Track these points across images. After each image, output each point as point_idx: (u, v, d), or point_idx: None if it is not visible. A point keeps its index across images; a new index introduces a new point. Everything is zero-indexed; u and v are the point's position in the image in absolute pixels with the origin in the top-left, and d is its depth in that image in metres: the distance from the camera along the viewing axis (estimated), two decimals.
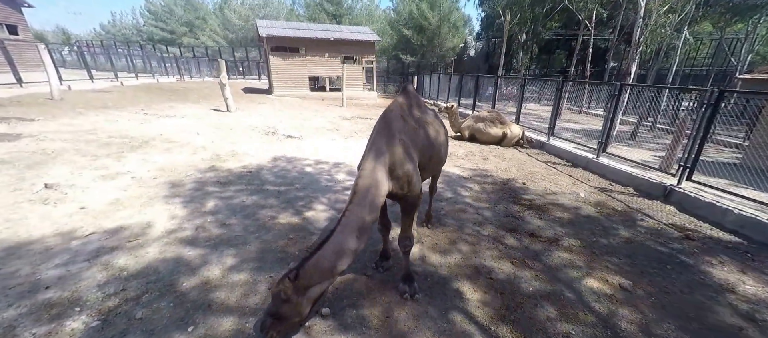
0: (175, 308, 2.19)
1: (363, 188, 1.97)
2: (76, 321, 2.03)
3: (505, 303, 2.38)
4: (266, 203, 3.88)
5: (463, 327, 2.16)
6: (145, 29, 40.83)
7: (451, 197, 4.41)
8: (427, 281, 2.60)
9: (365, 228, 1.93)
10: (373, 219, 1.99)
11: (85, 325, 2.01)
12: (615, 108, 5.94)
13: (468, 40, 32.36)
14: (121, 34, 43.30)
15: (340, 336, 2.04)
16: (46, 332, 1.94)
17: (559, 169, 6.09)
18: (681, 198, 4.44)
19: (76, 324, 2.01)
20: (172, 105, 11.56)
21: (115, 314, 2.10)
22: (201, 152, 5.83)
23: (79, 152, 5.26)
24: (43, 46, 9.70)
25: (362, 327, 2.11)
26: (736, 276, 2.86)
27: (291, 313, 1.79)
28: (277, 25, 20.24)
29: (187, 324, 2.06)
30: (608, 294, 2.55)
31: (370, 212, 1.96)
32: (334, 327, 2.10)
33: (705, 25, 19.67)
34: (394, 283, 2.52)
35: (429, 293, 2.46)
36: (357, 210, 1.92)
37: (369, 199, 1.95)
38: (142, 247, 2.86)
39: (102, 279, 2.43)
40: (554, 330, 2.16)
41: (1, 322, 1.99)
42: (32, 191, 3.74)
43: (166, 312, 2.16)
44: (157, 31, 39.09)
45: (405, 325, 2.15)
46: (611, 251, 3.19)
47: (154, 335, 1.97)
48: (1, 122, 6.73)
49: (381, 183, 2.02)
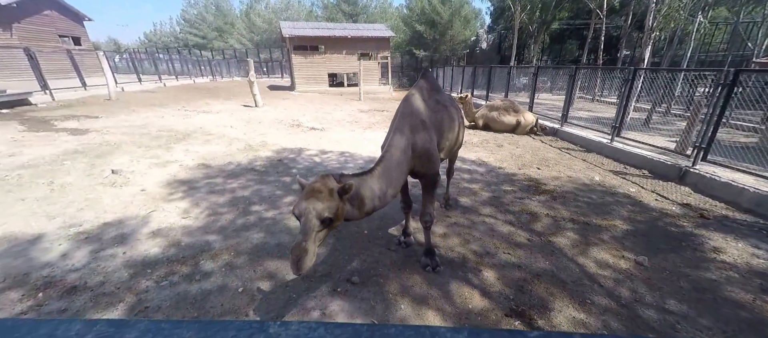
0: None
1: (390, 157, 2.02)
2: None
3: (522, 277, 2.40)
4: (292, 188, 4.03)
5: (481, 298, 2.20)
6: (181, 36, 42.09)
7: (468, 181, 4.40)
8: (445, 257, 2.66)
9: (384, 194, 1.93)
10: (396, 189, 2.03)
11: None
12: (628, 93, 5.67)
13: (479, 33, 31.33)
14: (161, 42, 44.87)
15: (368, 302, 2.14)
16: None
17: (573, 154, 5.92)
18: (696, 179, 4.23)
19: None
20: (207, 102, 11.99)
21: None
22: (235, 143, 6.07)
23: (135, 144, 5.61)
24: (102, 54, 10.28)
25: (389, 294, 2.21)
26: (751, 251, 2.74)
27: (326, 209, 1.60)
28: (299, 26, 20.36)
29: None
30: (623, 269, 2.51)
31: (399, 175, 2.02)
32: (363, 294, 2.20)
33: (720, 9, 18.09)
34: (417, 258, 2.59)
35: (449, 267, 2.52)
36: (384, 171, 1.96)
37: (395, 165, 2.01)
38: (193, 219, 3.07)
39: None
40: (570, 303, 2.17)
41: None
42: (102, 176, 4.06)
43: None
44: (192, 37, 40.22)
45: (427, 295, 2.22)
46: (626, 230, 3.12)
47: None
48: (72, 119, 7.27)
49: (406, 157, 2.08)
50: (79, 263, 2.44)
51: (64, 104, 9.03)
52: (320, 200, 1.61)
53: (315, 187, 1.66)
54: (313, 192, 1.63)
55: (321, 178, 1.71)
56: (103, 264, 2.43)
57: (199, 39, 39.90)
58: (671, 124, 7.82)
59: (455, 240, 2.88)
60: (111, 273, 2.33)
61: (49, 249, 2.59)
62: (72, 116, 7.66)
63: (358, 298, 2.15)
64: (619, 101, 5.87)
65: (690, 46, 14.22)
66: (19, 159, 4.55)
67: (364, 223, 3.11)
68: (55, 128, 6.51)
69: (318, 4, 34.76)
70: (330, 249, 2.69)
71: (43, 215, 3.10)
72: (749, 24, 18.47)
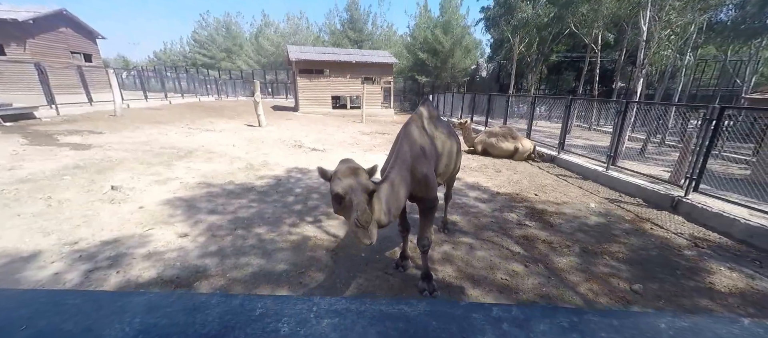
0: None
1: (393, 179, 2.06)
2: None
3: (520, 303, 2.40)
4: (293, 209, 4.07)
5: None
6: (190, 55, 43.57)
7: (466, 205, 4.45)
8: (443, 282, 2.66)
9: (389, 210, 1.95)
10: (397, 211, 2.06)
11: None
12: (622, 124, 5.87)
13: (479, 62, 32.50)
14: (170, 60, 46.40)
15: None
16: None
17: (570, 181, 6.01)
18: (689, 209, 4.29)
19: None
20: (211, 120, 12.24)
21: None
22: (237, 162, 6.16)
23: (137, 160, 5.70)
24: (111, 71, 10.64)
25: None
26: (745, 282, 2.76)
27: (369, 182, 1.71)
28: (306, 50, 21.18)
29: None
30: (619, 296, 2.52)
31: (400, 197, 2.06)
32: None
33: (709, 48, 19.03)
34: (414, 282, 2.59)
35: (446, 291, 2.52)
36: (388, 189, 1.99)
37: (397, 186, 2.07)
38: (190, 240, 3.08)
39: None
40: None
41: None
42: (101, 192, 4.11)
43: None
44: (200, 57, 41.59)
45: None
46: (621, 257, 3.14)
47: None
48: (76, 134, 7.40)
49: (406, 182, 2.15)
50: (70, 283, 2.42)
51: (69, 119, 9.22)
52: (361, 175, 1.71)
53: (350, 166, 1.75)
54: (351, 170, 1.72)
55: (345, 161, 1.79)
56: (95, 287, 2.41)
57: (208, 59, 41.25)
58: (666, 154, 8.00)
59: (452, 265, 2.89)
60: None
61: (42, 267, 2.58)
62: (76, 131, 7.81)
63: None
64: (614, 131, 6.05)
65: (681, 80, 14.82)
66: (18, 173, 4.60)
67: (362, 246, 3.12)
68: (58, 142, 6.62)
69: (325, 31, 36.28)
70: (326, 273, 2.69)
71: (38, 231, 3.10)
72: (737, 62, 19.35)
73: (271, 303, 0.50)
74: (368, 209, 1.60)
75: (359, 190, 1.65)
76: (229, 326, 0.45)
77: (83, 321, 0.45)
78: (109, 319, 0.46)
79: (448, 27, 25.81)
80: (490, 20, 23.84)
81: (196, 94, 21.52)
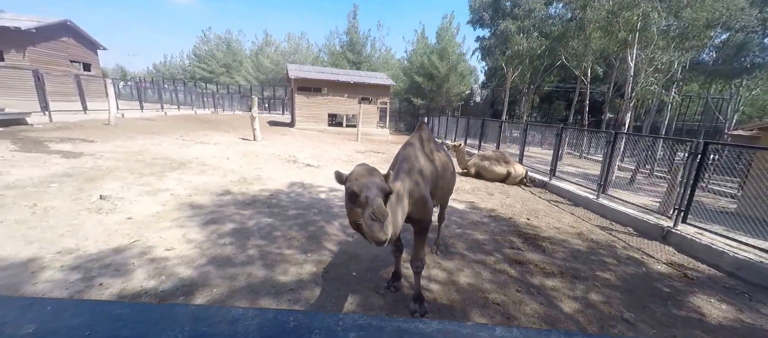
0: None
1: (394, 198, 2.06)
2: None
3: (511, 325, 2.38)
4: (285, 223, 4.04)
5: None
6: (189, 69, 44.13)
7: (459, 227, 4.47)
8: (435, 303, 2.64)
9: (395, 224, 1.95)
10: (397, 229, 2.04)
11: None
12: (611, 153, 6.07)
13: (474, 87, 33.59)
14: (169, 73, 46.87)
15: None
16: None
17: (561, 207, 6.10)
18: (679, 240, 4.38)
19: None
20: (206, 133, 12.23)
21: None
22: (230, 175, 6.13)
23: (128, 170, 5.63)
24: (109, 81, 10.70)
25: None
26: (735, 315, 2.79)
27: (385, 183, 1.72)
28: (305, 69, 21.70)
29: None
30: (610, 324, 2.52)
31: (400, 216, 2.07)
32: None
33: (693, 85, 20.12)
34: (405, 303, 2.57)
35: (438, 314, 2.49)
36: (392, 205, 1.96)
37: (397, 204, 2.08)
38: (177, 253, 3.02)
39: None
40: None
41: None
42: (89, 201, 4.02)
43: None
44: (199, 71, 42.15)
45: None
46: (613, 285, 3.16)
47: None
48: (67, 142, 7.31)
49: (403, 203, 2.17)
50: (50, 292, 2.35)
51: (62, 127, 9.13)
52: (378, 176, 1.75)
53: (367, 167, 1.79)
54: (369, 171, 1.76)
55: (362, 165, 1.83)
56: (74, 296, 2.33)
57: (207, 73, 41.78)
58: (655, 185, 8.22)
59: (445, 286, 2.87)
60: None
61: (19, 277, 2.48)
62: (67, 138, 7.72)
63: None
64: (603, 160, 6.25)
65: (667, 114, 15.51)
66: (4, 179, 4.49)
67: (352, 264, 3.10)
68: (48, 149, 6.52)
69: (325, 51, 37.31)
70: (316, 291, 2.65)
71: (20, 239, 3.01)
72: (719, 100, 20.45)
73: (302, 317, 0.54)
74: (383, 205, 1.59)
75: (375, 187, 1.67)
76: (268, 336, 0.49)
77: (137, 329, 0.49)
78: (160, 327, 0.49)
79: (444, 54, 26.83)
80: (485, 49, 24.94)
81: (192, 106, 21.60)
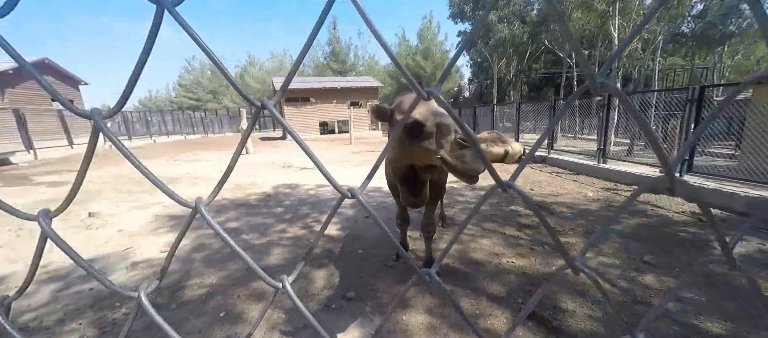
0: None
1: None
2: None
3: (527, 282, 2.28)
4: (283, 219, 3.92)
5: (488, 304, 2.06)
6: (176, 100, 44.07)
7: (464, 202, 4.38)
8: (449, 266, 2.54)
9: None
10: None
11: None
12: (607, 116, 6.06)
13: (461, 84, 34.00)
14: (155, 106, 46.76)
15: (367, 316, 1.97)
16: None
17: (564, 177, 6.05)
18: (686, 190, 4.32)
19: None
20: (197, 153, 12.09)
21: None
22: (225, 184, 6.01)
23: (117, 190, 5.49)
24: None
25: (387, 306, 2.04)
26: (755, 247, 2.72)
27: (441, 122, 1.50)
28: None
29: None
30: (633, 266, 2.43)
31: None
32: (359, 308, 2.04)
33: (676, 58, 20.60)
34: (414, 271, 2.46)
35: (452, 278, 2.38)
36: None
37: None
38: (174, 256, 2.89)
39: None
40: (583, 302, 2.04)
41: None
42: (78, 220, 3.88)
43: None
44: (186, 100, 42.11)
45: (430, 304, 2.07)
46: (628, 235, 3.08)
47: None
48: (53, 174, 7.17)
49: None
50: (36, 303, 2.21)
51: (47, 162, 8.98)
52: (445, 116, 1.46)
53: (430, 106, 1.52)
54: (436, 112, 1.50)
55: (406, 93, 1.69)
56: (65, 302, 2.20)
57: (194, 101, 41.74)
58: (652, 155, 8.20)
59: (455, 253, 2.76)
60: (73, 312, 2.10)
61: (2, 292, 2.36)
62: (53, 171, 7.56)
63: (352, 313, 1.97)
64: (600, 125, 6.23)
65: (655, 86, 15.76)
66: None
67: (357, 243, 2.99)
68: (33, 182, 6.37)
69: (309, 64, 37.59)
70: (325, 269, 2.53)
71: (3, 260, 2.87)
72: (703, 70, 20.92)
73: None
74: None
75: (445, 115, 1.37)
76: None
77: None
78: None
79: (428, 53, 27.21)
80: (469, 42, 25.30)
81: (182, 133, 21.46)
